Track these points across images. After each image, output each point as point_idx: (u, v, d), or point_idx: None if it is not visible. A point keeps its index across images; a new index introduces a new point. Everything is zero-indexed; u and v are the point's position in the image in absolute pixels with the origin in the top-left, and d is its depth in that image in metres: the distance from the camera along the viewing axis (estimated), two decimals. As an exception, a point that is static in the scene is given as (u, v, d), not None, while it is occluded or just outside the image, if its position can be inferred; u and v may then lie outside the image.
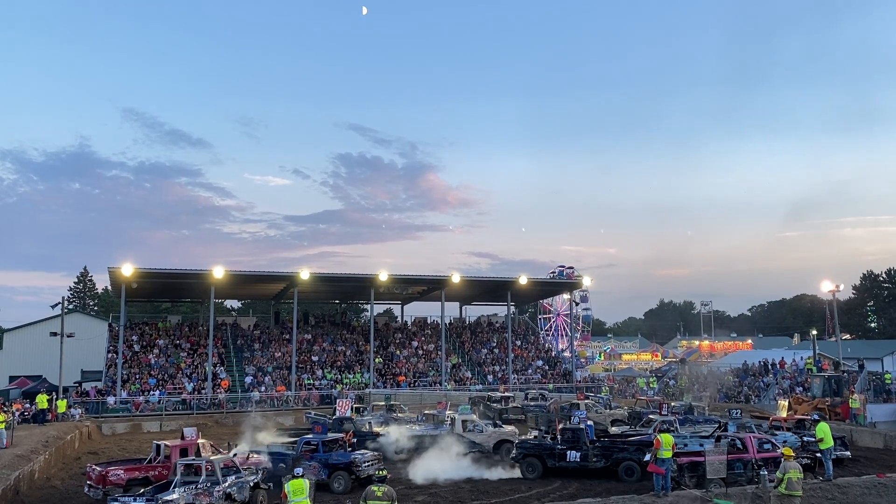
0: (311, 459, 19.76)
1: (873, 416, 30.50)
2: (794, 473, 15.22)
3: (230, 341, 48.44)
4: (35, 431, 29.55)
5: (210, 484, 16.04)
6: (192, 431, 20.33)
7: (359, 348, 50.06)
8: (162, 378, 42.38)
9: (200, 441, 20.13)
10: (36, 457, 23.33)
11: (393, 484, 15.57)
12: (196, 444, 19.71)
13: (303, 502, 13.54)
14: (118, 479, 18.31)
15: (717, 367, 58.19)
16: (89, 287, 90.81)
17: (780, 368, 47.04)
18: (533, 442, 22.30)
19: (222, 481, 16.23)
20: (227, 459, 17.47)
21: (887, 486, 18.88)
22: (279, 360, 46.59)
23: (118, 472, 18.59)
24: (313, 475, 18.82)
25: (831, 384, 34.46)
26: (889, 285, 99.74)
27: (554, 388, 47.22)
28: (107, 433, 35.10)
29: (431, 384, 46.70)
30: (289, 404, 41.31)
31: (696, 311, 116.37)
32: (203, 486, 15.92)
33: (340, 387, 43.92)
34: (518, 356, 53.03)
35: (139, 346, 45.41)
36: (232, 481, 16.48)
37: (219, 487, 16.06)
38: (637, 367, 79.19)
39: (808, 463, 19.87)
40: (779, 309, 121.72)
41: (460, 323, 58.72)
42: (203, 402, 40.44)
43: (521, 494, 18.97)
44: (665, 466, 17.69)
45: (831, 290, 43.06)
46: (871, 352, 60.15)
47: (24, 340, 55.32)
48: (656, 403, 35.39)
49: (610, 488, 19.40)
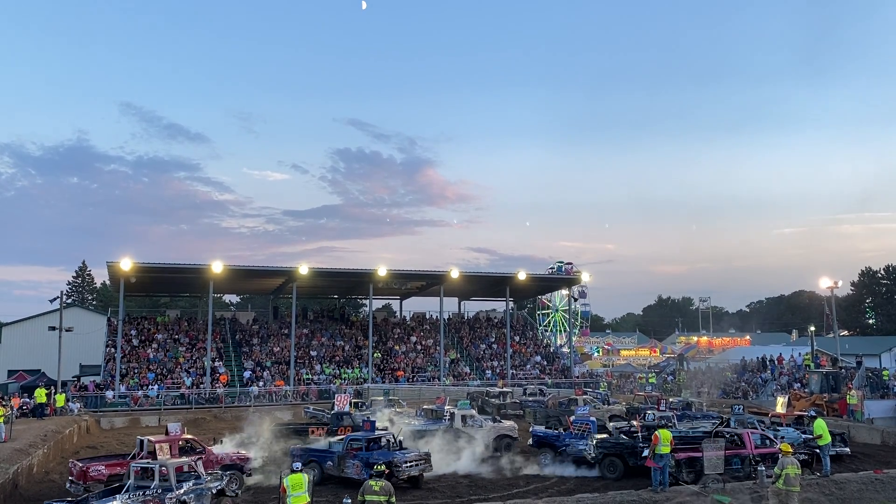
0: (354, 458, 19.34)
1: (871, 412, 30.55)
2: (791, 469, 15.26)
3: (229, 336, 48.47)
4: (34, 426, 29.53)
5: (161, 490, 14.75)
6: (177, 427, 20.08)
7: (357, 343, 50.10)
8: (160, 372, 42.40)
9: (186, 436, 19.94)
10: (34, 451, 23.33)
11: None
12: (181, 439, 19.49)
13: (302, 497, 13.49)
14: (99, 474, 17.92)
15: (715, 364, 58.34)
16: (88, 281, 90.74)
17: (778, 365, 47.11)
18: (613, 440, 21.52)
19: (176, 487, 14.88)
20: (184, 463, 16.10)
21: (884, 482, 18.95)
22: (278, 355, 46.61)
23: (99, 467, 18.19)
24: (356, 474, 18.70)
25: (829, 380, 34.53)
26: (887, 282, 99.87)
27: (552, 383, 47.32)
28: (105, 427, 35.12)
29: (430, 379, 46.76)
30: (287, 399, 41.35)
31: (694, 308, 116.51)
32: (153, 493, 14.66)
33: (339, 382, 43.96)
34: (516, 352, 53.09)
35: (138, 340, 45.42)
36: (189, 488, 15.13)
37: (171, 494, 14.71)
38: (635, 363, 79.41)
39: (806, 459, 19.91)
40: (777, 305, 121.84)
41: (459, 318, 58.77)
42: (201, 397, 40.46)
43: (519, 489, 18.99)
44: (662, 462, 17.73)
45: (829, 287, 43.11)
46: (869, 348, 60.43)
47: (22, 335, 55.32)
48: (654, 399, 35.47)
49: (608, 484, 19.43)
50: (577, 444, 21.78)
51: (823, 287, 44.08)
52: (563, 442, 22.20)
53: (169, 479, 14.95)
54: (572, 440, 22.03)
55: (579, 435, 22.13)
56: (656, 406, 30.95)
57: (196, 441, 20.26)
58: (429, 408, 28.86)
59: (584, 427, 22.42)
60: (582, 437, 22.00)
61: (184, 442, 19.69)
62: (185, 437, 19.95)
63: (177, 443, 19.29)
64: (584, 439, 21.80)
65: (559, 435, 22.72)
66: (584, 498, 16.90)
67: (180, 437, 19.64)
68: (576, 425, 22.71)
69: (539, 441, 23.17)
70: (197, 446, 19.88)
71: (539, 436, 23.41)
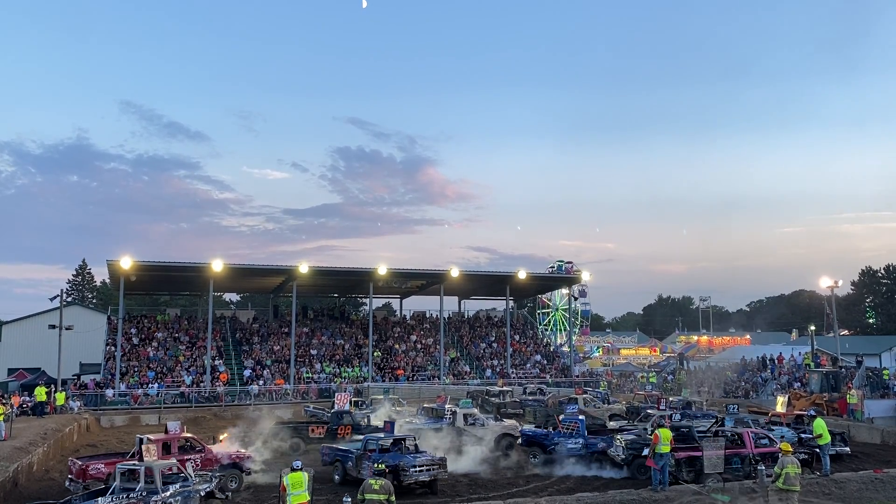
0: (369, 459, 18.77)
1: (871, 411, 30.57)
2: (791, 469, 15.25)
3: (229, 334, 48.46)
4: (34, 424, 29.54)
5: (146, 493, 14.64)
6: (177, 425, 20.02)
7: (357, 342, 50.09)
8: (160, 371, 42.39)
9: (185, 435, 19.92)
10: (34, 449, 23.35)
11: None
12: (180, 438, 19.45)
13: (301, 496, 13.48)
14: (98, 472, 17.84)
15: (715, 363, 58.34)
16: (88, 280, 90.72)
17: (779, 364, 47.10)
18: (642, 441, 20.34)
19: (162, 490, 14.80)
20: (171, 465, 16.05)
21: (884, 482, 18.94)
22: (278, 354, 46.60)
23: (98, 465, 18.15)
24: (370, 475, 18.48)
25: (829, 380, 34.52)
26: (888, 282, 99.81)
27: (553, 382, 47.29)
28: (105, 426, 35.13)
29: (430, 378, 46.75)
30: (287, 398, 41.34)
31: (694, 307, 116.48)
32: (137, 496, 14.54)
33: (339, 380, 43.94)
34: (516, 351, 53.07)
35: (138, 338, 45.40)
36: (175, 490, 15.05)
37: (156, 497, 14.64)
38: (635, 362, 79.40)
39: (806, 458, 19.90)
40: (777, 304, 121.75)
41: (459, 317, 58.76)
42: (202, 396, 40.46)
43: (519, 488, 18.99)
44: (662, 461, 17.72)
45: (830, 286, 43.07)
46: (869, 348, 60.31)
47: (22, 333, 55.30)
48: (654, 398, 35.46)
49: (608, 482, 19.44)
50: (565, 444, 21.86)
51: (824, 286, 44.02)
52: (553, 441, 22.21)
53: (154, 481, 14.84)
54: (560, 439, 22.10)
55: (568, 434, 22.21)
56: (657, 405, 30.93)
57: (196, 440, 20.25)
58: (429, 406, 28.83)
59: (573, 426, 22.49)
60: (571, 435, 22.13)
61: (183, 441, 19.66)
62: (184, 435, 19.93)
63: (176, 441, 19.25)
64: (572, 438, 21.95)
65: (548, 434, 22.74)
66: (585, 497, 16.90)
67: (180, 436, 19.60)
68: (564, 424, 22.73)
69: (528, 440, 23.26)
70: (196, 445, 19.86)
71: (528, 435, 23.51)
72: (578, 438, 22.08)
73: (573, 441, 21.94)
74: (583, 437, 22.11)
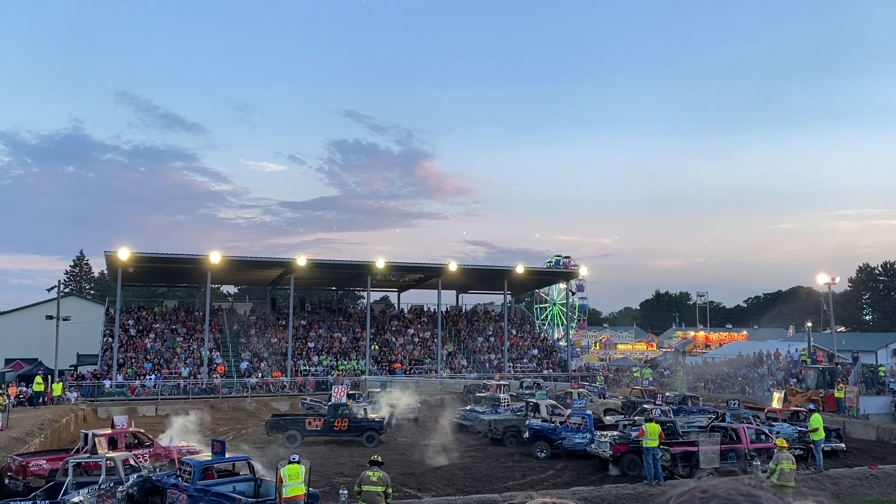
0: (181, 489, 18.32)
1: (866, 408, 30.67)
2: (786, 464, 15.32)
3: (226, 327, 48.44)
4: (30, 414, 29.54)
5: (113, 484, 14.79)
6: (123, 420, 19.82)
7: (355, 335, 50.11)
8: (158, 362, 42.40)
9: (133, 429, 19.74)
10: (31, 439, 23.35)
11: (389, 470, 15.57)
12: (127, 433, 19.22)
13: (298, 487, 13.49)
14: (39, 469, 17.13)
15: (711, 358, 58.46)
16: (85, 271, 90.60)
17: (775, 360, 47.23)
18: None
19: (125, 481, 14.91)
20: (127, 457, 16.05)
21: (879, 478, 19.03)
22: (275, 346, 46.62)
23: (40, 462, 17.46)
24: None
25: (825, 376, 34.63)
26: (884, 278, 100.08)
27: (550, 376, 47.36)
28: (102, 417, 35.08)
29: (427, 372, 46.80)
30: (284, 390, 41.38)
31: (691, 302, 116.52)
32: (106, 487, 14.67)
33: (336, 373, 43.97)
34: (514, 345, 53.14)
35: (135, 330, 45.39)
36: (134, 480, 15.18)
37: (122, 487, 14.82)
38: (632, 356, 79.40)
39: (801, 454, 19.98)
40: (774, 301, 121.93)
41: (457, 311, 58.79)
42: (199, 387, 40.49)
43: (515, 482, 19.04)
44: (649, 455, 17.73)
45: (827, 283, 43.16)
46: (865, 344, 60.50)
47: (19, 323, 55.22)
48: (651, 393, 35.51)
49: (604, 477, 19.50)
50: (573, 438, 21.89)
51: (821, 283, 44.15)
52: (560, 435, 22.29)
53: (118, 473, 14.89)
54: (568, 433, 22.13)
55: (576, 428, 22.24)
56: (653, 400, 30.98)
57: (144, 434, 20.05)
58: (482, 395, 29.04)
59: (581, 421, 22.52)
60: (578, 430, 22.10)
61: (131, 436, 19.44)
62: (131, 430, 19.74)
63: (123, 436, 18.92)
64: (580, 433, 21.90)
65: (555, 428, 22.80)
66: (581, 491, 16.96)
67: (127, 431, 19.36)
68: (572, 419, 22.81)
69: (536, 434, 23.26)
70: (145, 439, 19.66)
71: (535, 429, 23.49)
72: (586, 433, 22.05)
73: (581, 436, 21.90)
74: (590, 431, 22.12)
